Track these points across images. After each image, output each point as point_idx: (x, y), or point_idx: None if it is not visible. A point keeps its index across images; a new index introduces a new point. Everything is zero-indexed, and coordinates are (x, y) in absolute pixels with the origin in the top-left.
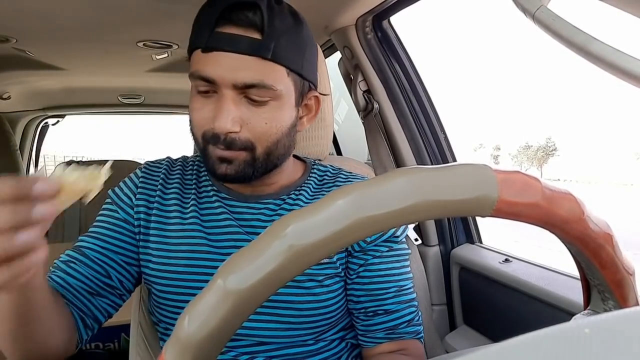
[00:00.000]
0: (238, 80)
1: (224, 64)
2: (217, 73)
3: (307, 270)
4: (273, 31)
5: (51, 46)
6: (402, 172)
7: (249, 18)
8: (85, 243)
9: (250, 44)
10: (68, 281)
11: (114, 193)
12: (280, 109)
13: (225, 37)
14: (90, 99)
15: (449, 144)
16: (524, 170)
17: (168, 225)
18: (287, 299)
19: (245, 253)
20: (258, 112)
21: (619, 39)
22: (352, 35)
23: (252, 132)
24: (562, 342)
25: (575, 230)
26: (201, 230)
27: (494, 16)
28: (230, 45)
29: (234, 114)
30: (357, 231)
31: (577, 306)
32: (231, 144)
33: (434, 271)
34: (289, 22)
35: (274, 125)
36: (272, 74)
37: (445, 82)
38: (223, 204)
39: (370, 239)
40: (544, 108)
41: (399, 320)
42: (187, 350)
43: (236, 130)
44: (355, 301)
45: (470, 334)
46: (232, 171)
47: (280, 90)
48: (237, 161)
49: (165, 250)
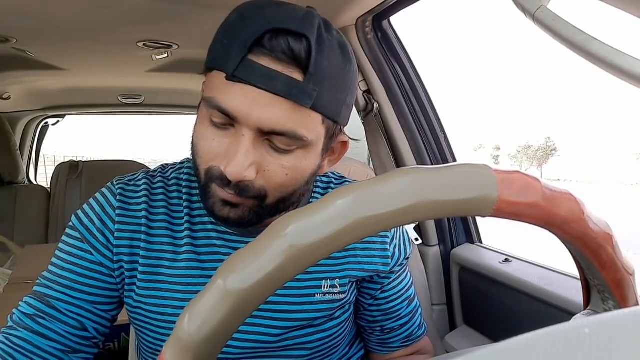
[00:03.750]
0: (265, 125)
1: (251, 102)
2: (241, 110)
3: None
4: (318, 73)
5: (51, 46)
6: (402, 172)
7: (293, 52)
8: (54, 292)
9: (289, 86)
10: (37, 343)
11: (82, 224)
12: (305, 158)
13: (260, 70)
14: (90, 99)
15: (449, 144)
16: (524, 170)
17: (159, 260)
18: (300, 340)
19: (246, 253)
20: (280, 160)
21: (619, 39)
22: (352, 36)
23: (268, 181)
24: (562, 342)
25: (575, 230)
26: (199, 268)
27: (494, 16)
28: (264, 81)
29: (253, 159)
30: (358, 231)
31: (577, 306)
32: (242, 192)
33: (434, 271)
34: (337, 62)
35: (295, 178)
36: (306, 123)
37: (445, 82)
38: (224, 240)
39: (390, 267)
40: (543, 108)
41: (412, 328)
42: (187, 350)
43: (251, 179)
44: (370, 320)
45: (470, 334)
46: (236, 216)
47: (311, 140)
48: (243, 207)
49: (156, 297)
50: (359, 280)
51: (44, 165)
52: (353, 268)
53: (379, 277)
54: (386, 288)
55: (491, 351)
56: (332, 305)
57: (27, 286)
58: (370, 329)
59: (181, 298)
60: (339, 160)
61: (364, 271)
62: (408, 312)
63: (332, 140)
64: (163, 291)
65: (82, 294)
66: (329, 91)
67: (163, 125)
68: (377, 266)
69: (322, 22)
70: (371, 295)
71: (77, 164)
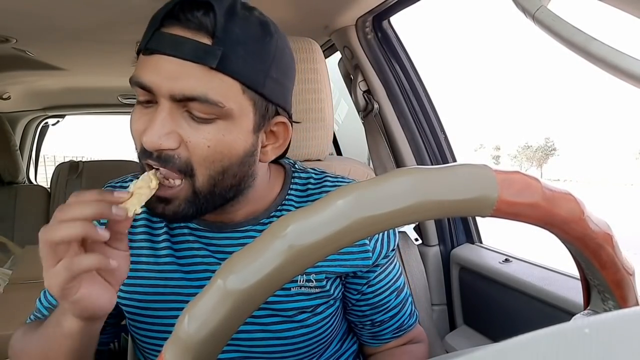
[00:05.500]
0: (175, 91)
1: (162, 70)
2: (153, 80)
3: (298, 303)
4: (227, 38)
5: (51, 46)
6: (402, 172)
7: (198, 19)
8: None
9: (195, 49)
10: None
11: None
12: (228, 131)
13: (168, 38)
14: (90, 99)
15: (449, 144)
16: (524, 170)
17: (139, 260)
18: (278, 335)
19: (245, 253)
20: (201, 130)
21: (619, 39)
22: (352, 36)
23: (192, 153)
24: (562, 342)
25: (575, 230)
26: (176, 263)
27: (494, 16)
28: (173, 48)
29: (170, 127)
30: (357, 231)
31: (577, 306)
32: (167, 162)
33: (434, 271)
34: (253, 32)
35: (219, 151)
36: (219, 88)
37: (445, 83)
38: (197, 236)
39: (372, 261)
40: (543, 108)
41: (403, 318)
42: (187, 350)
43: (172, 147)
44: (360, 315)
45: (470, 334)
46: (170, 212)
47: (230, 109)
48: (176, 201)
49: (139, 296)
50: (341, 276)
51: (44, 165)
52: (328, 265)
53: (362, 272)
54: (372, 282)
55: (491, 351)
56: (308, 297)
57: (27, 286)
58: (360, 324)
59: (162, 293)
60: (284, 147)
61: (342, 267)
62: (397, 303)
63: (265, 119)
64: (145, 288)
65: None
66: (243, 58)
67: None
68: (356, 262)
69: (240, 3)
70: (357, 290)
71: (77, 164)
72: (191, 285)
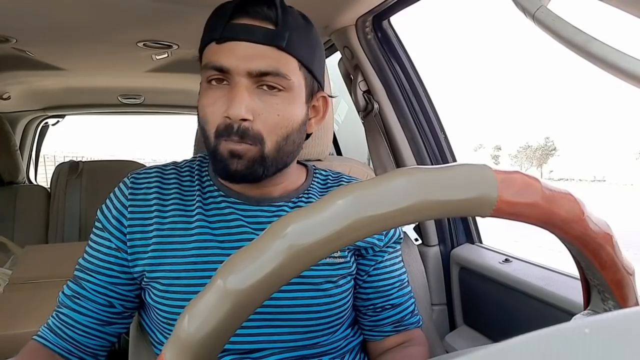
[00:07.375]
0: (252, 68)
1: (238, 53)
2: (231, 62)
3: (324, 272)
4: (286, 25)
5: (51, 46)
6: (402, 172)
7: (264, 11)
8: (84, 275)
9: (265, 34)
10: (76, 318)
11: (103, 215)
12: (291, 102)
13: (241, 27)
14: (90, 99)
15: (449, 144)
16: (524, 170)
17: (171, 237)
18: (305, 302)
19: (245, 253)
20: (270, 102)
21: (619, 39)
22: (352, 35)
23: (263, 124)
24: (562, 342)
25: (575, 230)
26: (210, 234)
27: (494, 16)
28: (246, 34)
29: (248, 102)
30: (357, 231)
31: (577, 306)
32: (244, 134)
33: (434, 271)
34: (300, 21)
35: (286, 118)
36: (286, 64)
37: (445, 82)
38: (234, 209)
39: (383, 242)
40: (543, 108)
41: (404, 312)
42: (187, 350)
43: (250, 119)
44: (364, 299)
45: (470, 334)
46: (243, 167)
47: (293, 82)
48: (247, 156)
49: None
50: (357, 251)
51: (44, 165)
52: None
53: (373, 250)
54: (379, 266)
55: (491, 351)
56: (333, 267)
57: (27, 286)
58: (364, 309)
59: (195, 262)
60: (323, 120)
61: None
62: (400, 294)
63: (312, 94)
64: (177, 258)
65: (105, 276)
66: (298, 40)
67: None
68: (373, 239)
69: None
70: (365, 271)
71: (77, 164)
72: (224, 254)
